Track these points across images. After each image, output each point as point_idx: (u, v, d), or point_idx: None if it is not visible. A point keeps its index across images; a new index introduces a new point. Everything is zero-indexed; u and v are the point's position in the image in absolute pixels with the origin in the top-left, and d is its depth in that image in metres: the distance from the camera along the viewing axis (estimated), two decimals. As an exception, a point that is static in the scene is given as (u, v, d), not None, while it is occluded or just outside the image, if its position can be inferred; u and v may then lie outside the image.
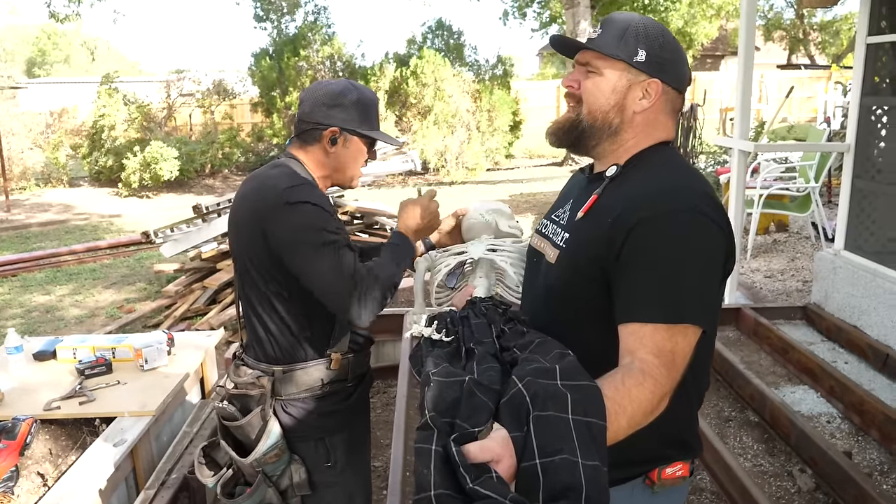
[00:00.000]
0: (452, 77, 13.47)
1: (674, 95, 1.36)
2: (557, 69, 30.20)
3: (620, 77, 1.32)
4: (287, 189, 1.63)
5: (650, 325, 1.16)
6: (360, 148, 1.81)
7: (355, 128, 1.76)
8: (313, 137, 1.75)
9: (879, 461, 3.02)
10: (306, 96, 1.77)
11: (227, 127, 16.01)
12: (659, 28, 1.33)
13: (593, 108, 1.35)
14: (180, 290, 6.07)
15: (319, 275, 1.59)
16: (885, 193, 4.02)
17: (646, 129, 1.35)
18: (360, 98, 1.77)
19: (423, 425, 0.97)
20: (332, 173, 1.81)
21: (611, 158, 1.38)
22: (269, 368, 1.75)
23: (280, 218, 1.61)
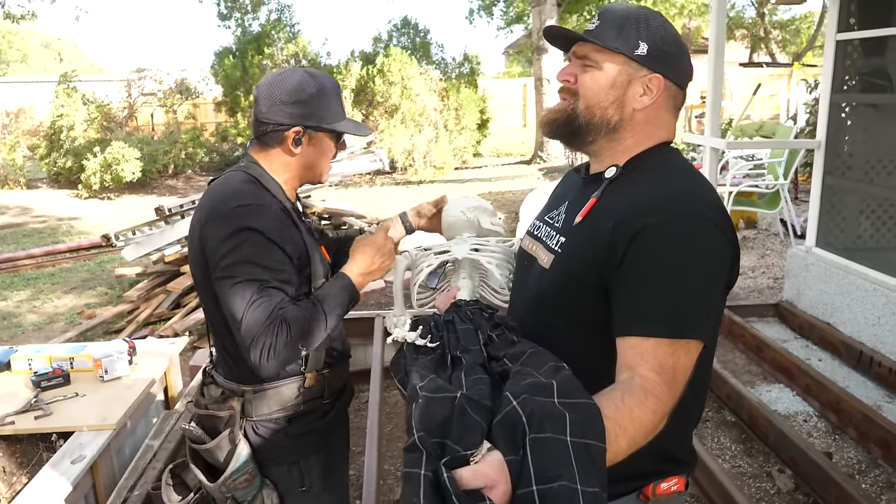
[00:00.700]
0: (419, 75, 13.37)
1: (676, 91, 1.29)
2: (524, 67, 30.24)
3: (620, 72, 1.25)
4: (232, 211, 1.48)
5: (652, 340, 1.09)
6: (327, 143, 1.67)
7: (319, 123, 1.62)
8: (274, 139, 1.60)
9: (857, 460, 3.01)
10: (262, 94, 1.59)
11: (190, 126, 15.68)
12: (660, 19, 1.26)
13: (591, 103, 1.27)
14: (143, 294, 5.88)
15: (231, 311, 1.44)
16: (856, 190, 4.04)
17: (646, 128, 1.28)
18: (321, 89, 1.61)
19: (410, 446, 0.89)
20: (299, 173, 1.67)
21: (608, 158, 1.31)
22: (238, 388, 1.63)
23: (216, 241, 1.48)
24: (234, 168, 1.64)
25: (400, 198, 11.06)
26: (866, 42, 3.88)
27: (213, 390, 1.68)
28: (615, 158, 1.30)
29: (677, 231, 1.13)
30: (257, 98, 1.60)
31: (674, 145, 1.34)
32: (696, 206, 1.17)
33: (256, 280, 1.44)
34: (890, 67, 3.85)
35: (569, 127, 1.30)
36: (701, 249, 1.14)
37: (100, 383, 2.88)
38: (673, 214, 1.15)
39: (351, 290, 1.61)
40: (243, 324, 1.41)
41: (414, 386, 1.01)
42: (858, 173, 4.03)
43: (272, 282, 1.46)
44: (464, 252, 1.68)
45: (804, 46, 26.43)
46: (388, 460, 3.37)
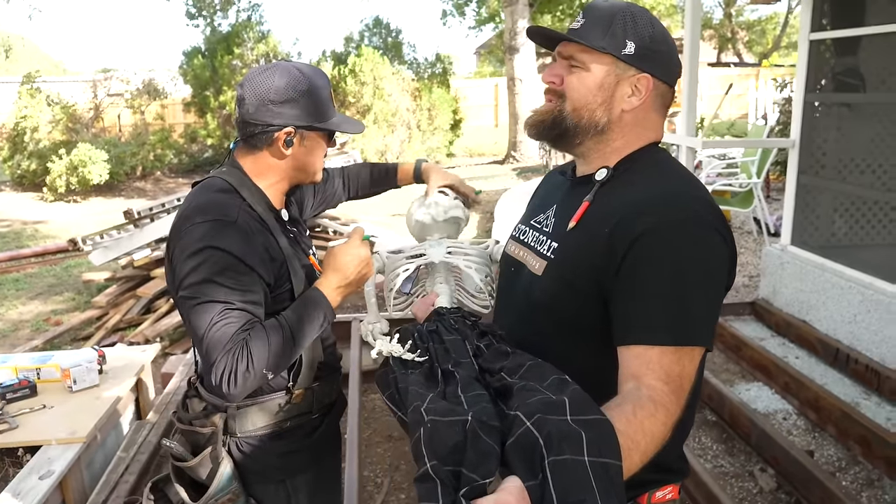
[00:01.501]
0: (392, 75, 13.31)
1: (664, 90, 1.25)
2: (495, 67, 30.31)
3: (608, 72, 1.21)
4: (197, 227, 1.38)
5: (657, 348, 1.06)
6: (318, 142, 1.56)
7: (312, 122, 1.50)
8: (263, 141, 1.49)
9: (837, 457, 3.02)
10: (248, 94, 1.46)
11: (158, 128, 15.43)
12: (647, 16, 1.22)
13: (578, 105, 1.23)
14: (112, 299, 5.74)
15: (194, 332, 1.35)
16: (829, 189, 4.07)
17: (635, 129, 1.25)
18: (312, 86, 1.49)
19: (422, 476, 0.83)
20: (290, 175, 1.56)
21: (597, 159, 1.27)
22: (221, 403, 1.52)
23: (181, 258, 1.38)
24: (214, 172, 1.55)
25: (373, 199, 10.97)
26: (839, 42, 3.92)
27: (196, 404, 1.58)
28: (604, 160, 1.26)
29: (677, 236, 1.10)
30: (242, 98, 1.48)
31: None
32: (695, 210, 1.14)
33: (219, 302, 1.34)
34: (862, 67, 3.88)
35: (555, 129, 1.26)
36: (702, 254, 1.11)
37: (68, 394, 2.79)
38: (672, 218, 1.11)
39: (324, 307, 1.48)
40: (204, 347, 1.32)
41: (417, 408, 0.96)
42: (832, 172, 4.06)
43: (236, 304, 1.35)
44: (440, 255, 1.63)
45: (770, 47, 26.87)
46: (367, 466, 3.31)
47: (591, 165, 1.29)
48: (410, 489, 3.15)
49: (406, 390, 1.09)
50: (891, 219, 3.79)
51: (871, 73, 3.85)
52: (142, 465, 2.60)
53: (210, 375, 1.31)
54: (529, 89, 14.39)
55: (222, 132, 14.97)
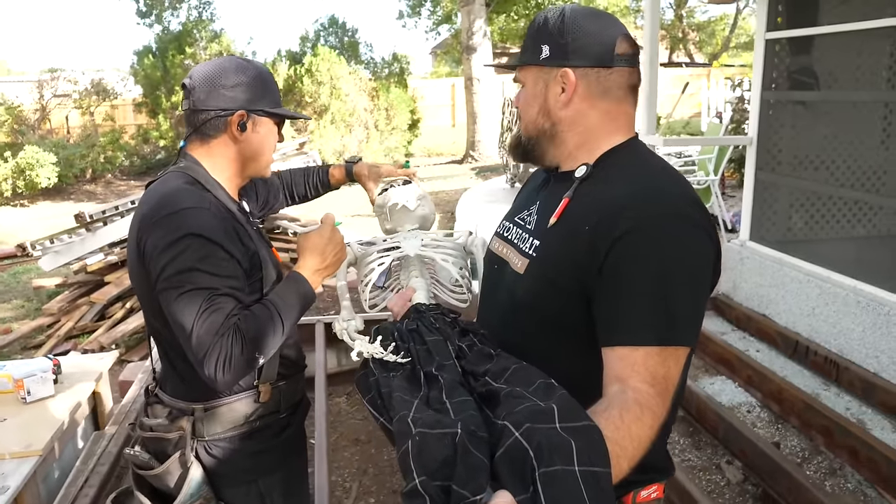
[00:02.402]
0: (349, 75, 13.19)
1: (597, 75, 1.22)
2: (451, 68, 30.34)
3: (535, 80, 1.27)
4: (171, 216, 1.36)
5: (642, 349, 1.04)
6: (270, 129, 1.56)
7: (264, 107, 1.51)
8: (216, 128, 1.48)
9: (801, 448, 3.08)
10: (197, 82, 1.47)
11: (108, 129, 15.04)
12: (559, 13, 1.23)
13: (525, 119, 1.31)
14: (64, 306, 5.55)
15: (179, 325, 1.31)
16: (786, 185, 4.15)
17: (584, 122, 1.24)
18: (260, 73, 1.52)
19: (411, 492, 0.80)
20: (245, 165, 1.55)
21: (570, 160, 1.27)
22: (187, 407, 1.50)
23: (157, 250, 1.35)
24: (170, 170, 1.51)
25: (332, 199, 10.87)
26: (794, 41, 4.00)
27: (158, 410, 1.54)
28: (575, 159, 1.26)
29: (661, 233, 1.09)
30: (192, 87, 1.47)
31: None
32: (678, 206, 1.13)
33: (205, 288, 1.32)
34: (816, 66, 3.98)
35: (519, 149, 1.34)
36: (686, 251, 1.09)
37: (22, 405, 2.67)
38: (655, 215, 1.10)
39: (306, 290, 1.50)
40: (194, 336, 1.29)
41: (404, 418, 0.92)
42: (788, 168, 4.15)
43: (222, 289, 1.34)
44: (415, 248, 1.60)
45: (720, 47, 27.47)
46: (334, 471, 3.26)
47: (567, 165, 1.29)
48: (379, 493, 3.10)
49: (390, 396, 1.06)
50: (844, 214, 3.89)
51: (824, 71, 3.94)
52: (102, 478, 2.50)
53: (203, 365, 1.29)
54: (487, 89, 14.43)
55: (175, 133, 14.65)
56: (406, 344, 1.21)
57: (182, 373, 1.49)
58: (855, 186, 3.74)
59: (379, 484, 3.17)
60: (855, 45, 3.67)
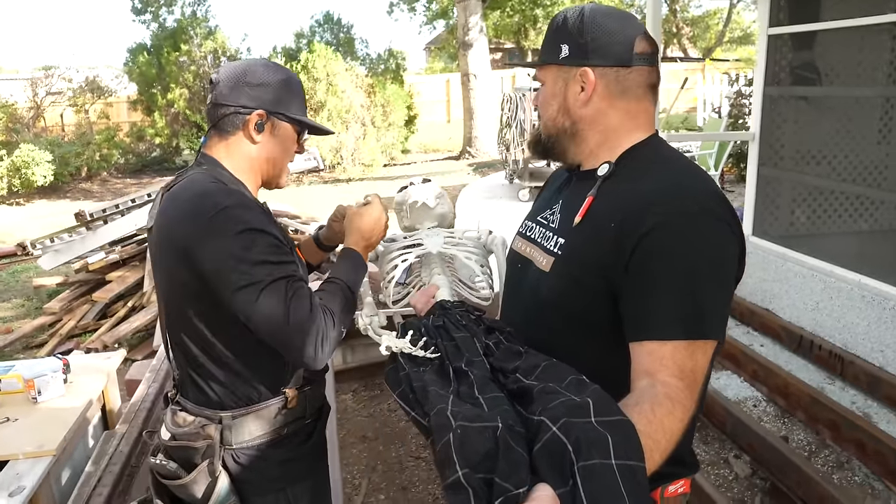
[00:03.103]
0: (345, 72, 13.16)
1: (616, 74, 1.23)
2: (445, 63, 30.32)
3: (555, 79, 1.29)
4: (216, 217, 1.32)
5: (670, 344, 1.05)
6: (290, 136, 1.53)
7: (284, 111, 1.49)
8: (234, 124, 1.46)
9: (807, 441, 3.10)
10: (223, 76, 1.46)
11: (103, 127, 14.99)
12: (579, 13, 1.24)
13: (545, 118, 1.33)
14: (65, 305, 5.54)
15: (267, 320, 1.30)
16: (788, 180, 4.17)
17: (604, 120, 1.26)
18: (288, 78, 1.51)
19: (454, 485, 0.81)
20: (261, 169, 1.52)
21: (591, 159, 1.28)
22: (214, 415, 1.47)
23: (220, 253, 1.31)
24: (191, 171, 1.48)
25: (329, 196, 10.87)
26: (796, 37, 4.01)
27: (183, 418, 1.50)
28: (598, 158, 1.27)
29: (688, 229, 1.10)
30: (218, 81, 1.46)
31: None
32: (702, 201, 1.13)
33: (282, 277, 1.32)
34: (819, 61, 3.99)
35: (539, 146, 1.35)
36: (712, 246, 1.10)
37: (32, 406, 2.67)
38: (681, 211, 1.11)
39: (363, 263, 1.54)
40: (291, 324, 1.30)
41: (442, 411, 0.93)
42: (790, 164, 4.16)
43: (296, 275, 1.35)
44: (437, 245, 1.60)
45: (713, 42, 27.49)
46: (343, 468, 3.27)
47: (589, 163, 1.30)
48: (389, 490, 3.11)
49: (424, 390, 1.06)
50: (846, 208, 3.90)
51: (826, 67, 3.96)
52: (114, 477, 2.49)
53: (304, 349, 1.31)
54: (484, 84, 14.42)
55: (171, 131, 14.64)
56: (434, 340, 1.21)
57: (207, 379, 1.47)
58: (857, 181, 3.76)
59: (388, 480, 3.18)
60: (857, 40, 3.68)
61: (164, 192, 1.49)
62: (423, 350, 1.18)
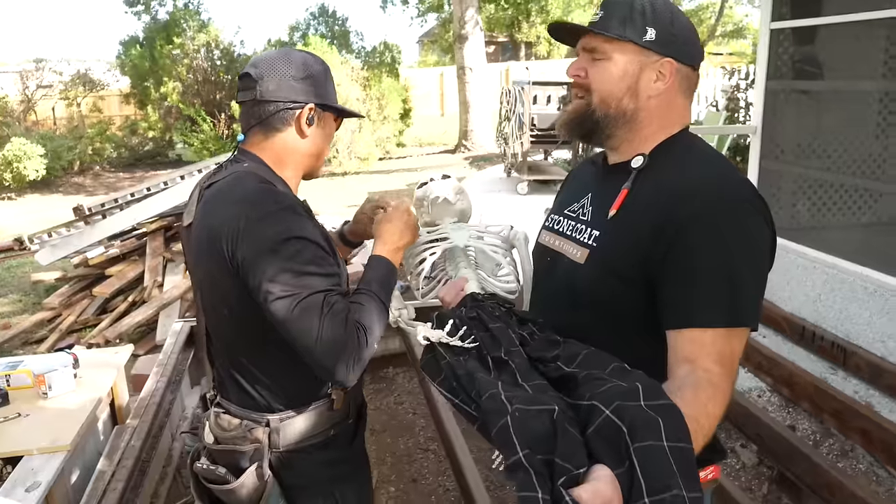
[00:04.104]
0: (341, 65, 13.13)
1: (688, 73, 1.26)
2: (439, 56, 30.26)
3: (631, 59, 1.23)
4: (268, 219, 1.30)
5: (710, 331, 1.08)
6: (332, 126, 1.52)
7: (332, 102, 1.47)
8: (283, 120, 1.42)
9: (812, 430, 3.14)
10: (266, 72, 1.41)
11: (95, 120, 14.94)
12: (666, 3, 1.23)
13: (605, 95, 1.25)
14: (65, 300, 5.52)
15: (300, 334, 1.27)
16: (790, 173, 4.20)
17: (664, 114, 1.26)
18: (326, 68, 1.49)
19: (515, 465, 0.82)
20: (304, 163, 1.49)
21: (629, 148, 1.28)
22: (261, 417, 1.44)
23: (259, 254, 1.28)
24: (232, 169, 1.42)
25: (325, 190, 10.85)
26: (798, 31, 4.03)
27: (227, 421, 1.47)
28: (636, 147, 1.27)
29: (725, 220, 1.12)
30: (259, 77, 1.41)
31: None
32: (740, 194, 1.16)
33: (321, 291, 1.28)
34: (820, 55, 4.01)
35: (586, 124, 1.28)
36: (749, 237, 1.13)
37: (43, 401, 2.66)
38: (719, 204, 1.13)
39: (394, 271, 1.48)
40: (321, 342, 1.25)
41: (495, 396, 0.95)
42: (792, 157, 4.19)
43: (334, 289, 1.31)
44: (464, 239, 1.61)
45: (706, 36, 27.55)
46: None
47: (622, 154, 1.30)
48: (399, 482, 3.13)
49: (471, 376, 1.07)
50: (847, 201, 3.93)
51: (828, 61, 3.98)
52: (128, 472, 2.49)
53: (335, 369, 1.27)
54: (479, 78, 14.41)
55: (164, 124, 14.57)
56: (469, 331, 1.23)
57: (253, 381, 1.45)
58: (857, 174, 3.78)
59: (398, 473, 3.20)
60: (858, 34, 3.70)
61: (202, 188, 1.47)
62: (461, 340, 1.20)
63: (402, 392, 4.01)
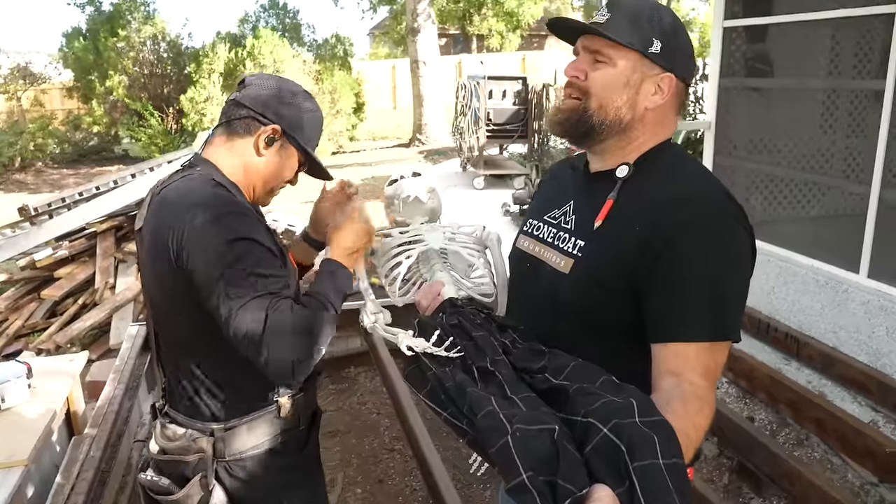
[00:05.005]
0: (292, 58, 12.95)
1: (683, 89, 1.26)
2: (390, 49, 30.06)
3: (634, 69, 1.21)
4: (211, 223, 1.29)
5: (695, 345, 1.09)
6: (292, 164, 1.49)
7: (299, 137, 1.47)
8: (246, 128, 1.43)
9: (769, 420, 3.23)
10: (257, 81, 1.46)
11: (37, 115, 14.39)
12: (670, 13, 1.23)
13: (605, 102, 1.22)
14: (11, 303, 5.31)
15: (245, 335, 1.26)
16: (743, 168, 4.30)
17: (655, 127, 1.26)
18: (316, 112, 1.51)
19: (518, 487, 0.82)
20: (253, 183, 1.47)
21: (615, 156, 1.27)
22: (206, 427, 1.43)
23: (206, 256, 1.28)
24: (185, 173, 1.42)
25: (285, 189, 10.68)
26: (750, 29, 4.13)
27: (173, 431, 1.46)
28: (622, 156, 1.27)
29: (711, 234, 1.13)
30: (249, 83, 1.46)
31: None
32: (722, 204, 1.18)
33: (266, 294, 1.28)
34: (771, 53, 4.11)
35: (580, 127, 1.25)
36: (733, 251, 1.15)
37: (-4, 413, 2.57)
38: (704, 216, 1.14)
39: (348, 275, 1.47)
40: (266, 345, 1.25)
41: (493, 414, 0.94)
42: (744, 152, 4.29)
43: (280, 291, 1.31)
44: (440, 241, 1.59)
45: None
46: (317, 464, 3.25)
47: (606, 161, 1.29)
48: (365, 483, 3.11)
49: (461, 390, 1.06)
50: (796, 196, 4.05)
51: (779, 59, 4.08)
52: (88, 484, 2.42)
53: (280, 368, 1.27)
54: (433, 71, 14.37)
55: (110, 119, 14.16)
56: (453, 339, 1.21)
57: (199, 390, 1.44)
58: (806, 169, 3.89)
59: (364, 474, 3.18)
60: (807, 34, 3.81)
61: (153, 193, 1.44)
62: (447, 351, 1.19)
63: (365, 392, 3.98)
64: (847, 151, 3.64)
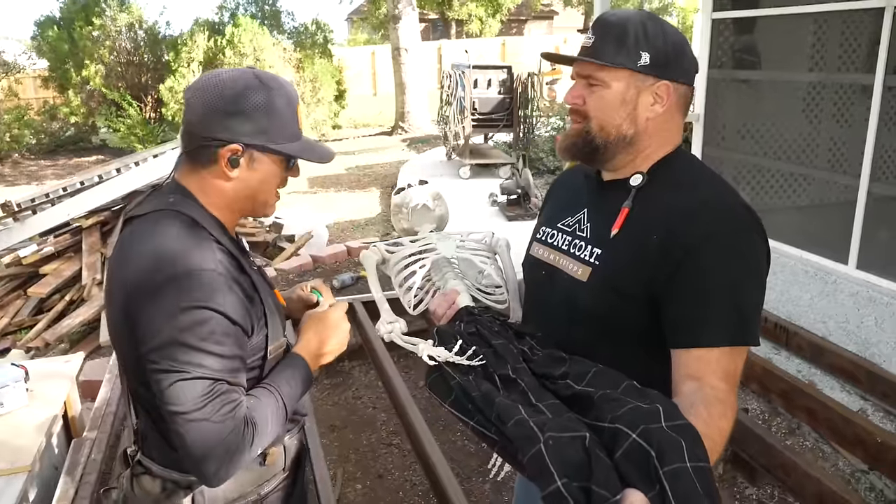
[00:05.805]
0: (272, 46, 12.80)
1: (685, 90, 1.29)
2: (369, 34, 29.86)
3: (627, 86, 1.23)
4: (171, 281, 1.14)
5: (716, 350, 1.13)
6: (272, 168, 1.28)
7: (264, 142, 1.24)
8: (206, 158, 1.24)
9: (761, 410, 3.30)
10: (195, 98, 1.24)
11: (12, 105, 14.13)
12: (657, 21, 1.25)
13: (605, 123, 1.26)
14: (-4, 301, 5.26)
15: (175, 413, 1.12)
16: (732, 159, 4.35)
17: (662, 134, 1.28)
18: (270, 100, 1.24)
19: (554, 494, 0.85)
20: (238, 204, 1.31)
21: (627, 168, 1.30)
22: (183, 479, 1.29)
23: (154, 321, 1.14)
24: (159, 203, 1.26)
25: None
26: (738, 21, 4.16)
27: (148, 483, 1.31)
28: (634, 167, 1.30)
29: (730, 240, 1.17)
30: (188, 102, 1.25)
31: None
32: (739, 212, 1.21)
33: (210, 377, 1.14)
34: (759, 46, 4.15)
35: (586, 148, 1.29)
36: (751, 257, 1.18)
37: (-6, 418, 2.55)
38: (724, 225, 1.18)
39: (308, 376, 1.35)
40: (190, 434, 1.12)
41: (524, 422, 0.96)
42: (732, 143, 4.34)
43: (227, 376, 1.17)
44: (451, 250, 1.60)
45: (635, 12, 27.96)
46: (316, 461, 3.26)
47: (621, 172, 1.31)
48: (365, 479, 3.13)
49: (488, 400, 1.08)
50: (785, 187, 4.10)
51: (767, 51, 4.12)
52: (92, 487, 2.43)
53: (200, 466, 1.15)
54: (415, 58, 14.29)
55: (87, 109, 13.94)
56: (470, 347, 1.23)
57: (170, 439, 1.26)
58: (794, 160, 3.95)
59: (363, 469, 3.20)
60: (795, 27, 3.85)
61: (125, 218, 1.32)
62: (469, 360, 1.20)
63: (360, 386, 4.00)
64: (836, 144, 3.70)
